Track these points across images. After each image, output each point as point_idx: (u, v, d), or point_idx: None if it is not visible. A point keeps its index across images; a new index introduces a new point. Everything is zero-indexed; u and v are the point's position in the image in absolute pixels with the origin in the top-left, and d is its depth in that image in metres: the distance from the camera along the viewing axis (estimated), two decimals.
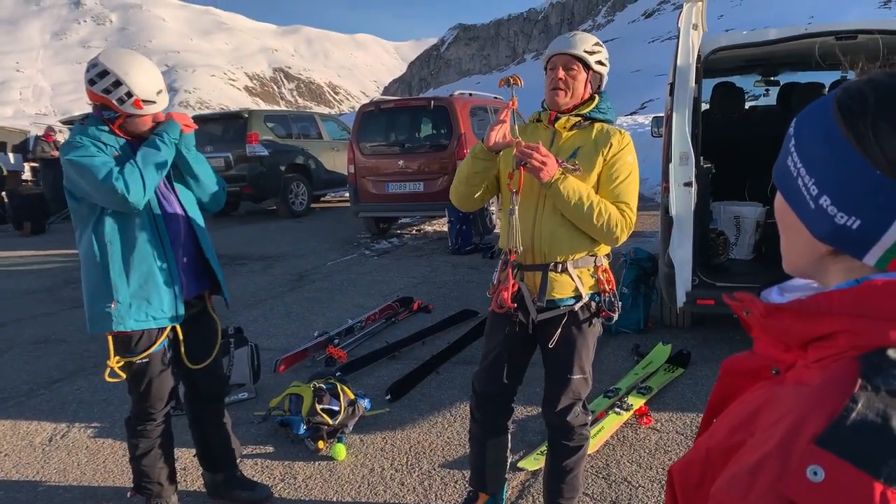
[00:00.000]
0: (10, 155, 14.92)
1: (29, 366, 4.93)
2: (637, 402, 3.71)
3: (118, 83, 2.34)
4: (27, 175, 15.81)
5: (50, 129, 14.38)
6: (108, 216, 2.44)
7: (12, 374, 4.77)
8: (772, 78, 7.11)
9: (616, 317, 2.39)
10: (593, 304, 2.36)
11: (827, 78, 6.46)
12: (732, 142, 5.62)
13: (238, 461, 3.07)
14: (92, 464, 3.41)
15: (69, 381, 4.59)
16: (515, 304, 2.35)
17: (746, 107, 6.77)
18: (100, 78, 2.35)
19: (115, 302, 2.45)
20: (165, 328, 2.57)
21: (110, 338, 2.53)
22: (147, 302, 2.49)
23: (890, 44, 4.30)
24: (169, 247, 2.53)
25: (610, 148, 2.29)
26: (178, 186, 2.62)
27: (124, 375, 2.58)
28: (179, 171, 2.62)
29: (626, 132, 2.37)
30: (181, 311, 2.58)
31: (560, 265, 2.30)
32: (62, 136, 15.43)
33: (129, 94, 2.35)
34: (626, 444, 3.36)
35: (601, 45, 2.34)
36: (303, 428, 3.42)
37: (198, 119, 11.29)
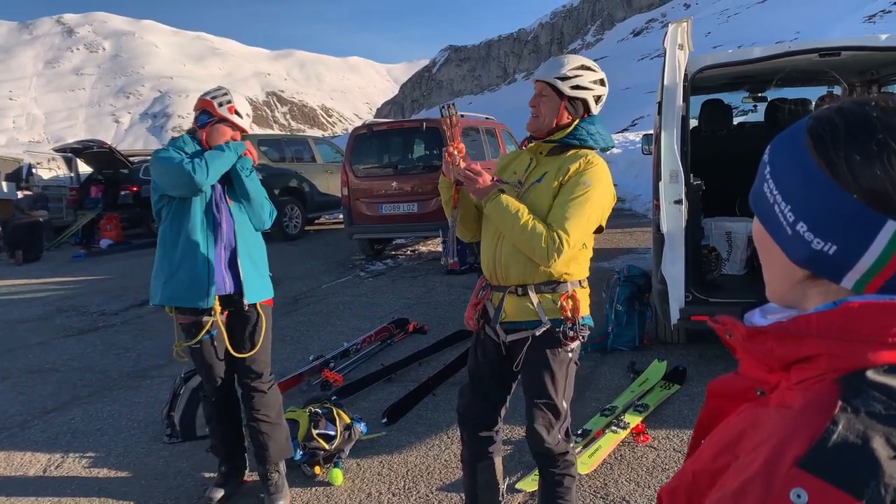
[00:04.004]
0: (3, 183, 14.90)
1: (22, 396, 4.90)
2: (634, 420, 3.71)
3: (226, 94, 3.09)
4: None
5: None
6: (174, 214, 2.99)
7: (5, 405, 4.73)
8: (759, 94, 7.19)
9: (572, 346, 2.30)
10: (556, 331, 2.28)
11: (813, 93, 6.54)
12: (722, 158, 5.66)
13: (277, 465, 3.17)
14: (87, 495, 3.38)
15: (63, 410, 4.55)
16: (475, 324, 2.44)
17: (735, 122, 6.84)
18: (215, 90, 3.11)
19: (157, 279, 3.04)
20: (209, 320, 3.01)
21: (175, 325, 3.13)
22: (180, 283, 2.96)
23: (872, 59, 4.37)
24: (212, 245, 2.99)
25: (567, 172, 2.24)
26: (232, 199, 3.08)
27: (185, 358, 3.20)
28: (235, 189, 3.11)
29: (597, 158, 2.28)
30: (211, 301, 2.97)
31: (521, 288, 2.29)
32: (55, 164, 15.44)
33: (228, 101, 3.05)
34: (623, 463, 3.35)
35: (586, 69, 2.27)
36: (299, 453, 3.40)
37: None
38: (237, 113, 3.05)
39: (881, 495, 0.56)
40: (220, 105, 3.03)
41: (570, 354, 2.33)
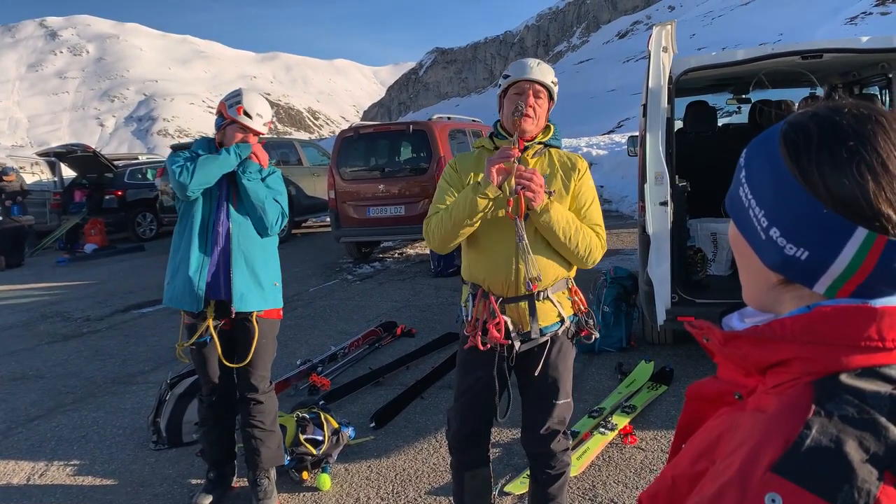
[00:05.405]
0: None
1: (6, 404, 4.84)
2: (621, 421, 3.72)
3: (236, 95, 3.09)
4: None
5: (4, 172, 13.80)
6: (181, 215, 3.07)
7: None
8: (743, 96, 7.23)
9: (596, 334, 2.41)
10: (574, 327, 2.39)
11: (797, 95, 6.60)
12: (707, 159, 5.69)
13: (267, 471, 3.16)
14: (72, 502, 3.34)
15: (47, 418, 4.51)
16: (509, 340, 2.29)
17: (720, 124, 6.89)
18: (230, 93, 3.13)
19: (166, 279, 3.12)
20: (203, 325, 3.04)
21: (182, 325, 3.19)
22: (178, 285, 3.01)
23: (853, 61, 4.41)
24: (209, 249, 3.01)
25: (578, 172, 2.35)
26: (238, 203, 3.09)
27: (186, 359, 3.25)
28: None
29: (582, 157, 2.44)
30: (201, 306, 3.00)
31: (542, 293, 2.29)
32: (38, 168, 15.28)
33: (238, 102, 3.04)
34: (611, 465, 3.36)
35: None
36: (287, 459, 3.38)
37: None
38: (246, 114, 3.05)
39: (854, 499, 0.57)
40: (230, 107, 3.06)
41: (575, 349, 2.43)
